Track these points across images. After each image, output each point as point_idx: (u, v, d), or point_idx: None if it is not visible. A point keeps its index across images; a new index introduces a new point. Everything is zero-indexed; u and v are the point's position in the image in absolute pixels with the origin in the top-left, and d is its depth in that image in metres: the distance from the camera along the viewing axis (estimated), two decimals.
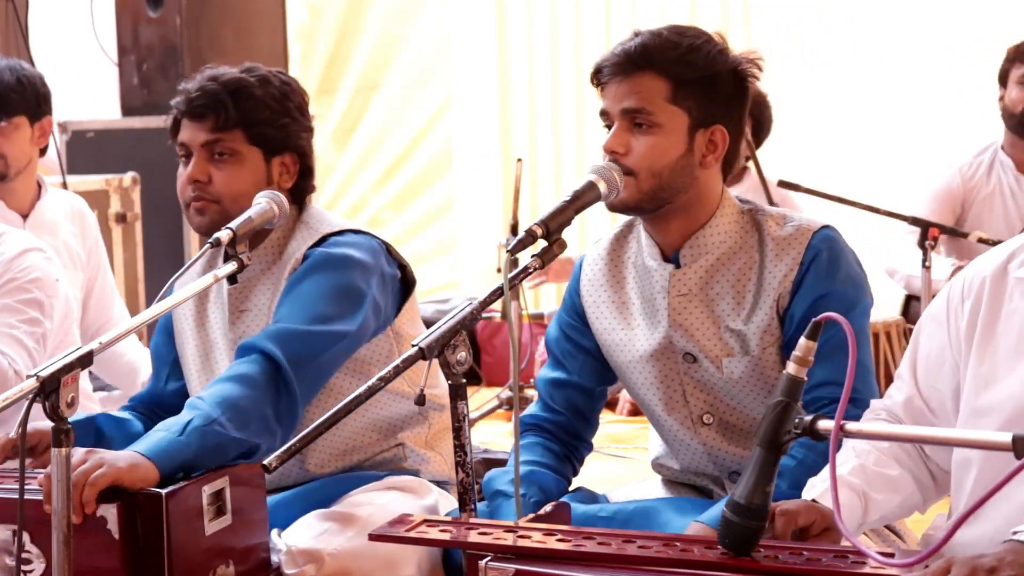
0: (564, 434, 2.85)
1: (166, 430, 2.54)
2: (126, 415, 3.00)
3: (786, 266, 2.64)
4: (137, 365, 4.13)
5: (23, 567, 2.40)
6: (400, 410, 2.94)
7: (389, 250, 2.94)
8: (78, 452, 2.43)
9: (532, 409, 2.91)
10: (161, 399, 3.06)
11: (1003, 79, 5.22)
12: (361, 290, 2.80)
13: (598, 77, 2.70)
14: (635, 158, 2.62)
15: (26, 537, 2.40)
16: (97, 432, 2.88)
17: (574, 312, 2.86)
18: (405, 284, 2.96)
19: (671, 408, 2.75)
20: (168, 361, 3.07)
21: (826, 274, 2.62)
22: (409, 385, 2.92)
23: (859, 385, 2.56)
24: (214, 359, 2.95)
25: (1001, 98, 5.18)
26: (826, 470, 2.25)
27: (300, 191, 2.97)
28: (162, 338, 3.08)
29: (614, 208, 2.68)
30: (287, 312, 2.78)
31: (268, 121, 2.90)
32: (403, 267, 2.96)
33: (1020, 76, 5.13)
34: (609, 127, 2.68)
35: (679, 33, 2.67)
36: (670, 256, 2.72)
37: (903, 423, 2.40)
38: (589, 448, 2.92)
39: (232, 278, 2.69)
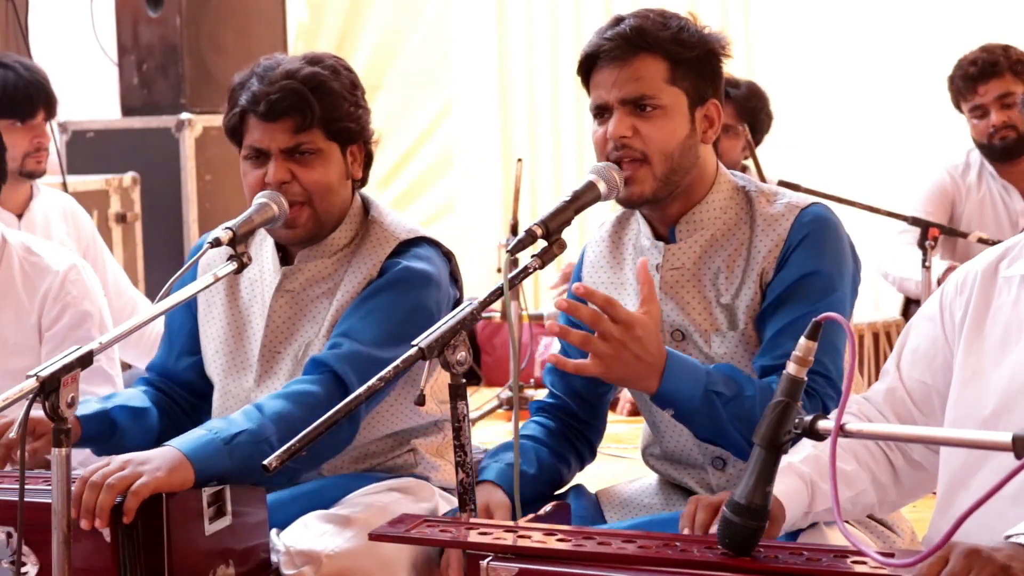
0: (564, 415, 2.85)
1: (213, 433, 2.52)
2: (145, 402, 2.95)
3: (771, 241, 2.64)
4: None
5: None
6: (418, 421, 2.94)
7: (451, 264, 2.91)
8: (116, 459, 2.43)
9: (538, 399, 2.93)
10: (173, 373, 3.03)
11: (958, 108, 5.20)
12: (432, 312, 2.74)
13: (590, 64, 2.67)
14: (644, 141, 2.60)
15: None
16: (111, 425, 2.84)
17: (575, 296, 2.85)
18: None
19: None
20: (184, 333, 3.02)
21: (815, 253, 2.62)
22: (436, 404, 2.92)
23: (829, 364, 2.56)
24: (247, 337, 2.91)
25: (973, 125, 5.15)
26: None
27: (363, 180, 2.93)
28: (181, 310, 3.00)
29: (630, 203, 2.68)
30: (359, 326, 2.74)
31: (346, 115, 2.82)
32: (456, 282, 2.93)
33: (971, 108, 5.11)
34: (601, 117, 2.66)
35: (661, 14, 2.67)
36: (664, 233, 2.72)
37: (881, 413, 2.42)
38: (599, 435, 2.90)
39: (286, 259, 2.60)
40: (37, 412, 2.30)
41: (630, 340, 2.43)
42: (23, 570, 2.39)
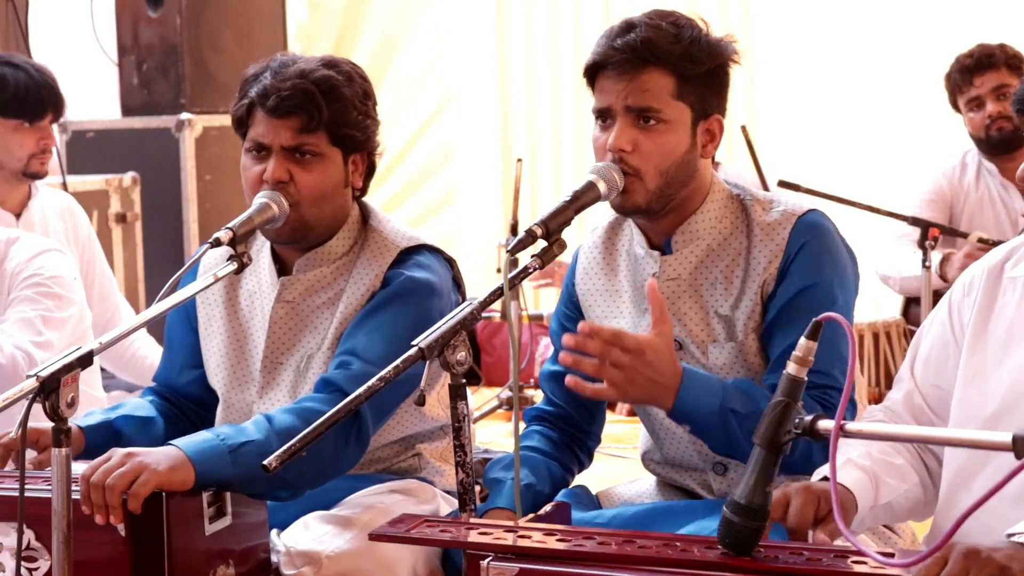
0: (565, 424, 2.85)
1: (220, 439, 2.52)
2: (151, 411, 2.96)
3: (771, 252, 2.63)
4: (151, 359, 4.16)
5: (29, 565, 2.41)
6: (423, 427, 2.94)
7: (453, 270, 2.90)
8: (117, 453, 2.43)
9: (536, 404, 2.92)
10: (176, 387, 3.03)
11: (955, 107, 5.22)
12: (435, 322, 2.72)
13: (596, 69, 2.65)
14: (642, 157, 2.59)
15: (31, 535, 2.41)
16: (115, 435, 2.85)
17: (570, 303, 2.86)
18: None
19: None
20: (184, 347, 3.02)
21: (814, 264, 2.61)
22: (443, 408, 2.92)
23: (839, 375, 2.55)
24: (248, 350, 2.90)
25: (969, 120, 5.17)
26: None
27: (364, 189, 2.92)
28: (181, 324, 3.01)
29: (623, 211, 2.67)
30: (366, 342, 2.71)
31: (354, 123, 2.81)
32: (459, 287, 2.92)
33: (967, 101, 5.13)
34: (604, 121, 2.66)
35: (674, 24, 2.63)
36: (660, 243, 2.72)
37: (903, 420, 2.42)
38: (596, 440, 2.91)
39: (283, 270, 2.54)
40: (42, 423, 2.31)
41: (642, 365, 2.42)
42: (34, 565, 2.41)
